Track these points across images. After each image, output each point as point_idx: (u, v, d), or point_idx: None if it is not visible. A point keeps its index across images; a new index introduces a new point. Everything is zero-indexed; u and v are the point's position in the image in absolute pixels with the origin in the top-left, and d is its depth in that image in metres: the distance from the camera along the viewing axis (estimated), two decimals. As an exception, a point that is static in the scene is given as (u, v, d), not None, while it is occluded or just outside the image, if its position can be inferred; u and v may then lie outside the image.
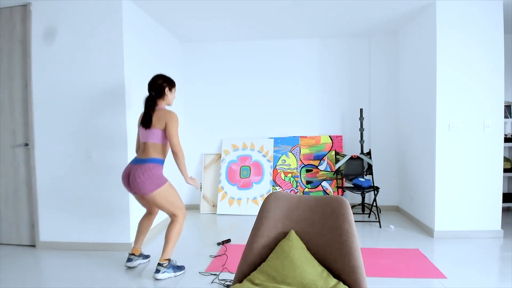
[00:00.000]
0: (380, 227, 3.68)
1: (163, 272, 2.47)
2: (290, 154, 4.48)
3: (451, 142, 3.24)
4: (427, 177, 3.46)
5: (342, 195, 4.14)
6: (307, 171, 4.43)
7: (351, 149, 4.49)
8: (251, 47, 4.55)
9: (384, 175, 4.43)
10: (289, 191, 4.37)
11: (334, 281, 1.37)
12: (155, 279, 2.47)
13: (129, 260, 2.68)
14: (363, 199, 4.24)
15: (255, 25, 3.93)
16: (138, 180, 2.38)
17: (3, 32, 3.16)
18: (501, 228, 3.37)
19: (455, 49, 3.20)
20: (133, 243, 3.09)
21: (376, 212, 4.23)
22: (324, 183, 4.37)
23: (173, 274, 2.51)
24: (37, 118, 3.13)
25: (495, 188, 3.23)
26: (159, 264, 2.48)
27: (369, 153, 4.08)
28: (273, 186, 4.40)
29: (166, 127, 2.46)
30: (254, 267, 1.50)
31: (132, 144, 3.13)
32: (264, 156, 4.46)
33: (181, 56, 4.61)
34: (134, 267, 2.72)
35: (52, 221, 3.15)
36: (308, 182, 4.40)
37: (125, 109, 3.03)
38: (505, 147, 4.39)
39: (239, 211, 4.28)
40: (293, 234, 1.50)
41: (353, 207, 4.46)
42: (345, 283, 1.39)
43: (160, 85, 2.56)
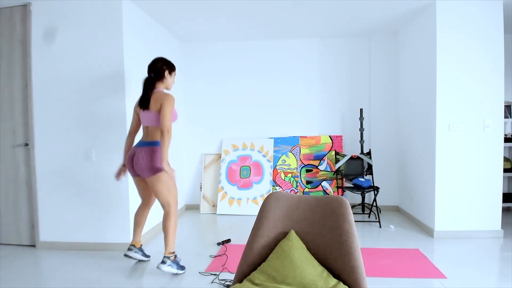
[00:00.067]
0: (380, 227, 3.68)
1: (168, 265, 2.48)
2: (290, 154, 4.48)
3: (451, 142, 3.24)
4: (427, 177, 3.46)
5: (342, 195, 4.14)
6: (307, 171, 4.43)
7: (351, 149, 4.49)
8: (251, 47, 4.55)
9: (384, 175, 4.43)
10: (289, 191, 4.37)
11: (334, 281, 1.37)
12: (158, 268, 2.47)
13: (130, 249, 2.69)
14: (363, 199, 4.24)
15: (255, 25, 3.93)
16: (142, 162, 2.40)
17: (3, 32, 3.16)
18: (501, 228, 3.37)
19: (455, 49, 3.20)
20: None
21: (376, 212, 4.23)
22: (324, 183, 4.37)
23: (175, 270, 2.52)
24: (37, 118, 3.13)
25: (495, 188, 3.23)
26: (165, 257, 2.50)
27: (369, 153, 4.08)
28: (273, 186, 4.41)
29: (161, 107, 2.43)
30: (254, 267, 1.50)
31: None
32: (264, 156, 4.46)
33: (181, 56, 4.61)
34: (132, 258, 2.70)
35: (52, 221, 3.15)
36: (308, 182, 4.40)
37: (125, 109, 3.03)
38: (505, 147, 4.39)
39: (239, 211, 4.28)
40: (293, 234, 1.50)
41: (353, 207, 4.46)
42: (345, 283, 1.39)
43: (160, 67, 2.56)
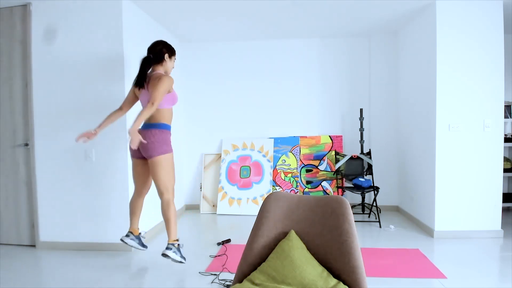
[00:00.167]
0: (380, 227, 3.68)
1: (173, 251, 2.50)
2: (290, 154, 4.48)
3: (451, 142, 3.24)
4: (427, 177, 3.46)
5: (342, 195, 4.14)
6: (307, 171, 4.43)
7: (351, 149, 4.49)
8: (251, 47, 4.55)
9: (384, 175, 4.43)
10: (289, 191, 4.37)
11: (334, 281, 1.37)
12: (163, 254, 2.48)
13: (127, 236, 2.68)
14: (363, 199, 4.24)
15: (255, 25, 3.93)
16: (148, 141, 2.43)
17: (3, 32, 3.16)
18: (501, 228, 3.37)
19: (455, 49, 3.20)
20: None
21: (376, 212, 4.23)
22: (324, 183, 4.37)
23: (179, 258, 2.53)
24: (37, 118, 3.13)
25: (495, 188, 3.23)
26: (170, 243, 2.52)
27: (369, 153, 4.08)
28: (273, 186, 4.41)
29: (157, 82, 2.41)
30: (254, 267, 1.50)
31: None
32: (264, 156, 4.46)
33: (181, 56, 4.61)
34: (128, 245, 2.68)
35: (52, 221, 3.15)
36: (308, 182, 4.40)
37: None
38: (505, 147, 4.39)
39: (239, 211, 4.28)
40: (293, 234, 1.50)
41: (353, 207, 4.46)
42: (345, 283, 1.39)
43: (160, 50, 2.56)
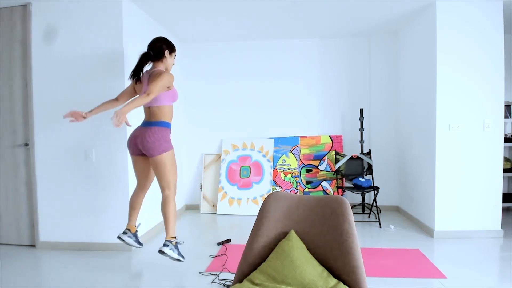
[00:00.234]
0: (380, 227, 3.68)
1: (170, 249, 2.48)
2: (290, 154, 4.48)
3: (451, 142, 3.24)
4: (427, 177, 3.46)
5: (342, 195, 4.14)
6: (307, 171, 4.43)
7: (351, 149, 4.49)
8: (251, 47, 4.55)
9: (384, 175, 4.43)
10: (289, 191, 4.37)
11: (334, 281, 1.37)
12: (159, 250, 2.46)
13: (124, 233, 2.66)
14: (363, 199, 4.24)
15: (255, 25, 3.93)
16: (149, 140, 2.42)
17: (3, 32, 3.16)
18: (501, 228, 3.37)
19: (455, 49, 3.20)
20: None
21: (376, 212, 4.23)
22: (324, 183, 4.37)
23: (176, 256, 2.50)
24: (37, 118, 3.13)
25: (495, 188, 3.23)
26: (167, 240, 2.51)
27: (369, 153, 4.08)
28: (273, 186, 4.41)
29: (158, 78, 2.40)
30: (254, 267, 1.50)
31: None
32: (264, 156, 4.46)
33: (181, 56, 4.61)
34: (125, 242, 2.64)
35: (52, 221, 3.15)
36: (308, 182, 4.40)
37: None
38: (505, 147, 4.39)
39: (239, 211, 4.28)
40: (293, 234, 1.50)
41: (353, 207, 4.46)
42: (345, 283, 1.39)
43: (160, 46, 2.55)
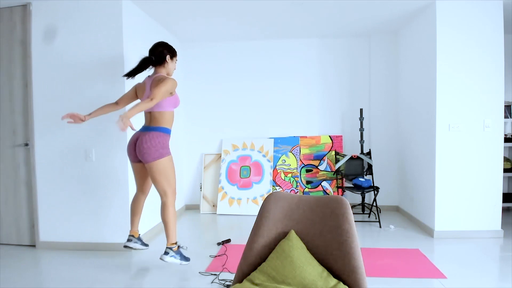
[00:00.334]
0: (380, 227, 3.68)
1: (170, 256, 2.48)
2: (290, 154, 4.48)
3: (451, 142, 3.24)
4: (427, 177, 3.46)
5: (342, 195, 4.14)
6: (307, 171, 4.43)
7: (351, 149, 4.49)
8: (251, 47, 4.55)
9: (384, 175, 4.43)
10: (289, 191, 4.37)
11: (334, 281, 1.37)
12: (161, 259, 2.47)
13: (129, 240, 2.68)
14: (363, 199, 4.24)
15: (255, 25, 3.93)
16: (145, 146, 2.40)
17: (3, 32, 3.16)
18: (501, 228, 3.37)
19: (455, 49, 3.20)
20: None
21: (376, 212, 4.23)
22: (324, 183, 4.37)
23: (179, 261, 2.52)
24: (37, 118, 3.13)
25: (495, 188, 3.23)
26: (168, 247, 2.50)
27: (369, 153, 4.08)
28: (273, 186, 4.41)
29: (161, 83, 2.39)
30: (254, 267, 1.50)
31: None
32: (264, 156, 4.46)
33: (181, 56, 4.61)
34: (133, 249, 2.68)
35: (52, 221, 3.15)
36: (308, 182, 4.40)
37: (125, 109, 3.03)
38: (505, 147, 4.39)
39: (239, 211, 4.28)
40: (293, 234, 1.50)
41: (353, 207, 4.46)
42: (345, 283, 1.39)
43: (161, 51, 2.54)
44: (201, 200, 4.49)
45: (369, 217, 4.10)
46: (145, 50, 3.45)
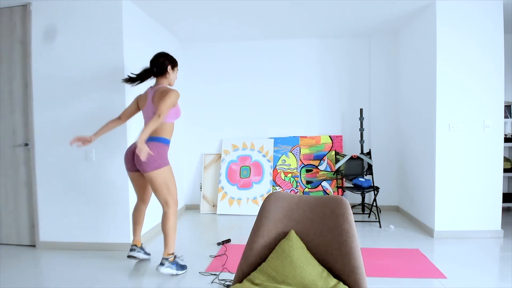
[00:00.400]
0: (380, 227, 3.68)
1: (166, 267, 2.47)
2: (290, 154, 4.48)
3: (451, 142, 3.24)
4: (427, 177, 3.46)
5: (342, 195, 4.14)
6: (307, 171, 4.43)
7: (351, 149, 4.49)
8: (251, 47, 4.55)
9: (384, 175, 4.43)
10: (289, 191, 4.37)
11: (334, 281, 1.37)
12: (157, 270, 2.47)
13: (132, 250, 2.69)
14: (363, 199, 4.24)
15: (255, 25, 3.93)
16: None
17: (3, 32, 3.16)
18: (501, 228, 3.37)
19: (455, 49, 3.20)
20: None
21: (376, 212, 4.23)
22: (324, 183, 4.37)
23: (175, 271, 2.51)
24: (37, 118, 3.13)
25: (495, 188, 3.23)
26: (164, 258, 2.48)
27: (369, 153, 4.08)
28: (273, 186, 4.40)
29: (164, 96, 2.40)
30: (254, 267, 1.50)
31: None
32: (264, 156, 4.46)
33: (181, 56, 4.61)
34: (136, 258, 2.70)
35: (52, 221, 3.15)
36: (308, 182, 4.40)
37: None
38: (505, 147, 4.39)
39: (239, 211, 4.28)
40: (293, 234, 1.50)
41: (353, 207, 4.46)
42: (345, 283, 1.39)
43: (162, 62, 2.54)
44: (201, 200, 4.49)
45: (369, 217, 4.10)
46: (145, 50, 3.45)
